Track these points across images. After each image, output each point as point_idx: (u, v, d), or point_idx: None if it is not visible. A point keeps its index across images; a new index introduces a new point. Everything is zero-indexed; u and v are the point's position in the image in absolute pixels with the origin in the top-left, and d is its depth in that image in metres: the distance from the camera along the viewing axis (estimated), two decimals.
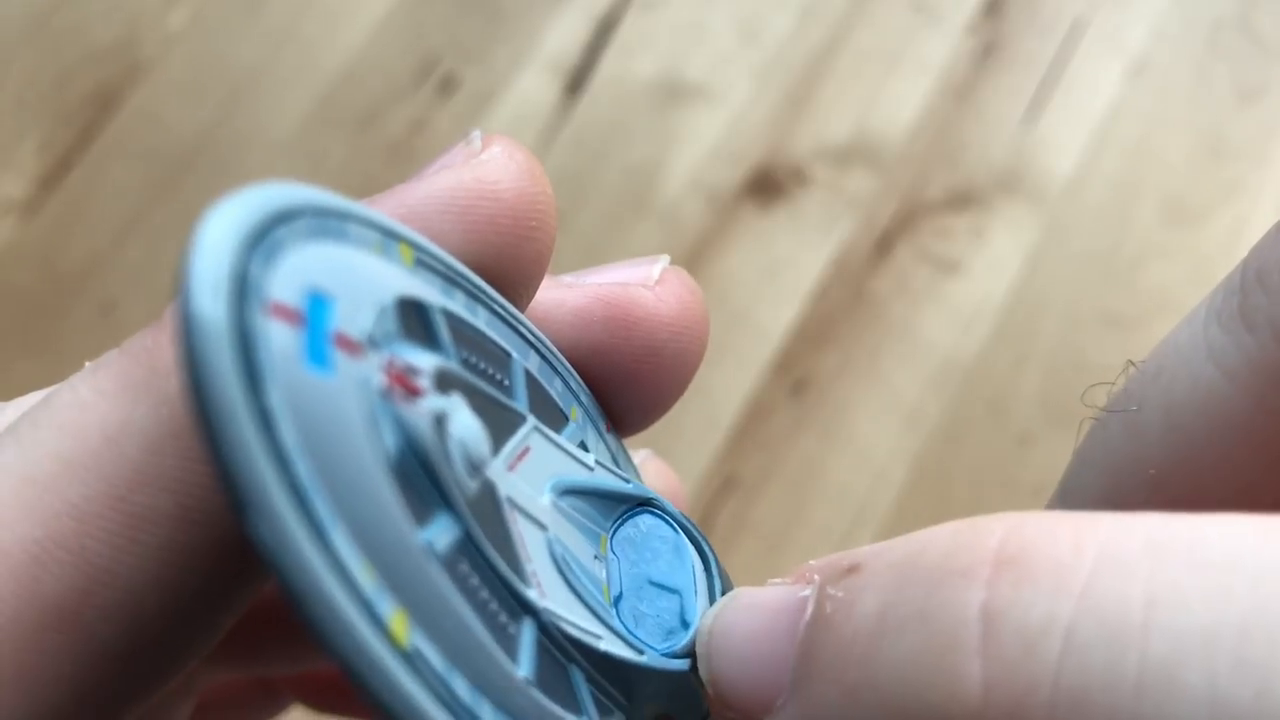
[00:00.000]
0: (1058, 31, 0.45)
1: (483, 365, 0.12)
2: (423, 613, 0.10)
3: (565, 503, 0.13)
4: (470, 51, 0.44)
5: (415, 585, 0.10)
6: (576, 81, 0.43)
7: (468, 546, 0.10)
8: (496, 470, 0.11)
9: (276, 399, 0.09)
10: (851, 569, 0.10)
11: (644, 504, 0.14)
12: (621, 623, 0.13)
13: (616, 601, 0.13)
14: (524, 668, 0.11)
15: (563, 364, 0.14)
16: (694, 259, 0.41)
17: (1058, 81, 0.44)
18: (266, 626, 0.17)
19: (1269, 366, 0.11)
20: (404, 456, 0.10)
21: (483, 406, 0.11)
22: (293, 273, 0.09)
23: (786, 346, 0.40)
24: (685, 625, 0.13)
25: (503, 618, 0.11)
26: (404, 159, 0.42)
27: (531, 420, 0.12)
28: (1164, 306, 0.41)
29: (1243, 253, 0.12)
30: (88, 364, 0.12)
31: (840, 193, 0.42)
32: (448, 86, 0.43)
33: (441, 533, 0.10)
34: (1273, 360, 0.11)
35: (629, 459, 0.15)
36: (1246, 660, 0.08)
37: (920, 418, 0.39)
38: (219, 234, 0.09)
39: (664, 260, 0.15)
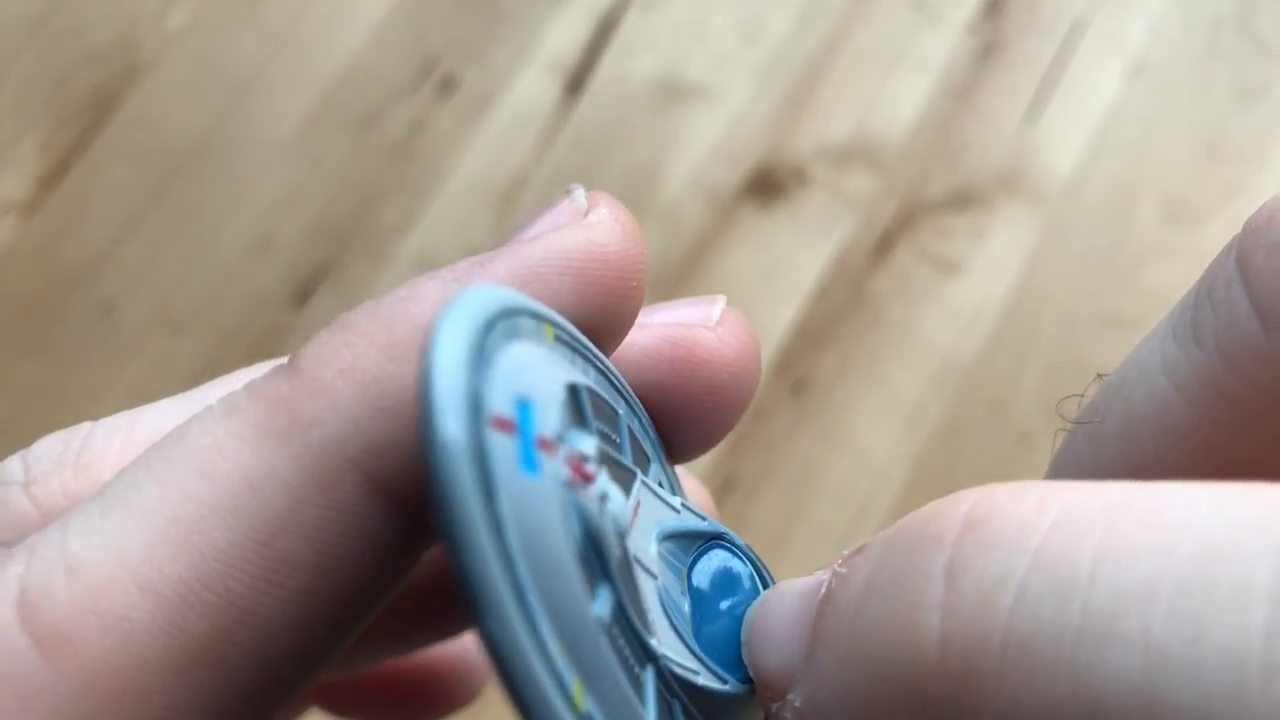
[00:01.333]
0: (1058, 31, 0.45)
1: (606, 430, 0.13)
2: (592, 678, 0.11)
3: (664, 548, 0.13)
4: (470, 51, 0.44)
5: (589, 655, 0.10)
6: (576, 81, 0.43)
7: (618, 611, 0.11)
8: (628, 532, 0.12)
9: (505, 507, 0.10)
10: (859, 549, 0.11)
11: (716, 537, 0.15)
12: (704, 654, 0.13)
13: (697, 633, 0.14)
14: (650, 713, 0.11)
15: (638, 404, 0.15)
16: (694, 259, 0.41)
17: (1058, 81, 0.44)
18: None
19: (1215, 380, 0.12)
20: (585, 541, 0.11)
21: (615, 473, 0.12)
22: (503, 383, 0.10)
23: (786, 346, 0.40)
24: None
25: (636, 669, 0.11)
26: (404, 159, 0.42)
27: (640, 476, 0.13)
28: (1164, 306, 0.41)
29: None
30: (215, 403, 0.13)
31: (840, 193, 0.42)
32: (448, 86, 0.43)
33: (604, 603, 0.11)
34: (1218, 374, 0.12)
35: (679, 483, 0.16)
36: (1180, 611, 0.08)
37: (920, 418, 0.39)
38: (450, 354, 0.10)
39: (722, 301, 0.16)
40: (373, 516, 0.12)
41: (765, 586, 0.14)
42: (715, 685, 0.13)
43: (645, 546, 0.13)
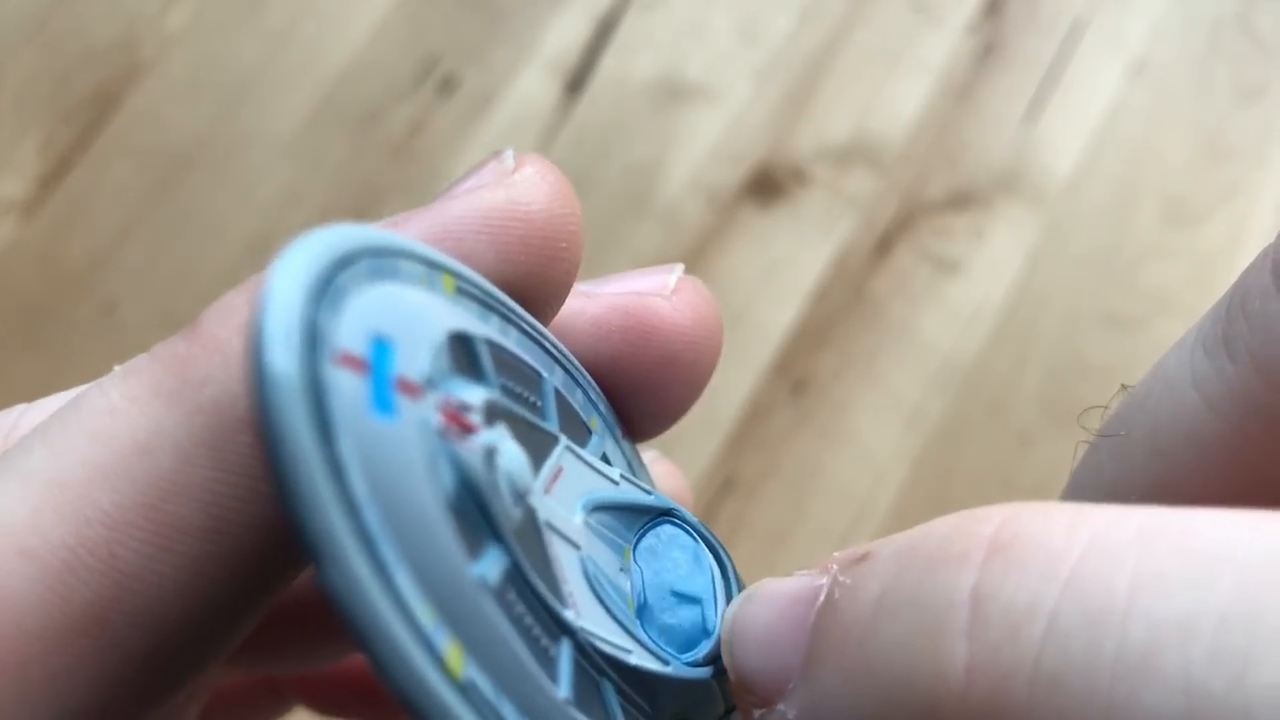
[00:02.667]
0: (1058, 31, 0.45)
1: (519, 389, 0.12)
2: (476, 644, 0.10)
3: (594, 519, 0.13)
4: (470, 51, 0.44)
5: (469, 618, 0.10)
6: (576, 81, 0.43)
7: (515, 575, 0.11)
8: (536, 495, 0.11)
9: (346, 448, 0.09)
10: (862, 558, 0.10)
11: (665, 514, 0.14)
12: (646, 634, 0.13)
13: (640, 612, 0.13)
14: (564, 689, 0.11)
15: (582, 375, 0.14)
16: (694, 259, 0.41)
17: (1058, 81, 0.44)
18: (277, 627, 0.18)
19: (1248, 395, 0.11)
20: (460, 494, 0.10)
21: (522, 432, 0.11)
22: (356, 319, 0.09)
23: (786, 346, 0.40)
24: (706, 633, 0.13)
25: (544, 641, 0.11)
26: (404, 159, 0.42)
27: (564, 440, 0.13)
28: (1164, 306, 0.41)
29: (1243, 253, 0.12)
30: (117, 368, 0.12)
31: (840, 193, 0.42)
32: (448, 86, 0.43)
33: (493, 564, 0.10)
34: (1251, 389, 0.11)
35: (642, 463, 0.16)
36: (1223, 649, 0.08)
37: (920, 418, 0.39)
38: (287, 285, 0.09)
39: (679, 269, 0.15)
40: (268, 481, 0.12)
41: (721, 566, 0.14)
42: (653, 666, 0.13)
43: (566, 515, 0.12)
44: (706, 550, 0.14)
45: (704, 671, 0.13)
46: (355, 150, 0.42)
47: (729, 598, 0.14)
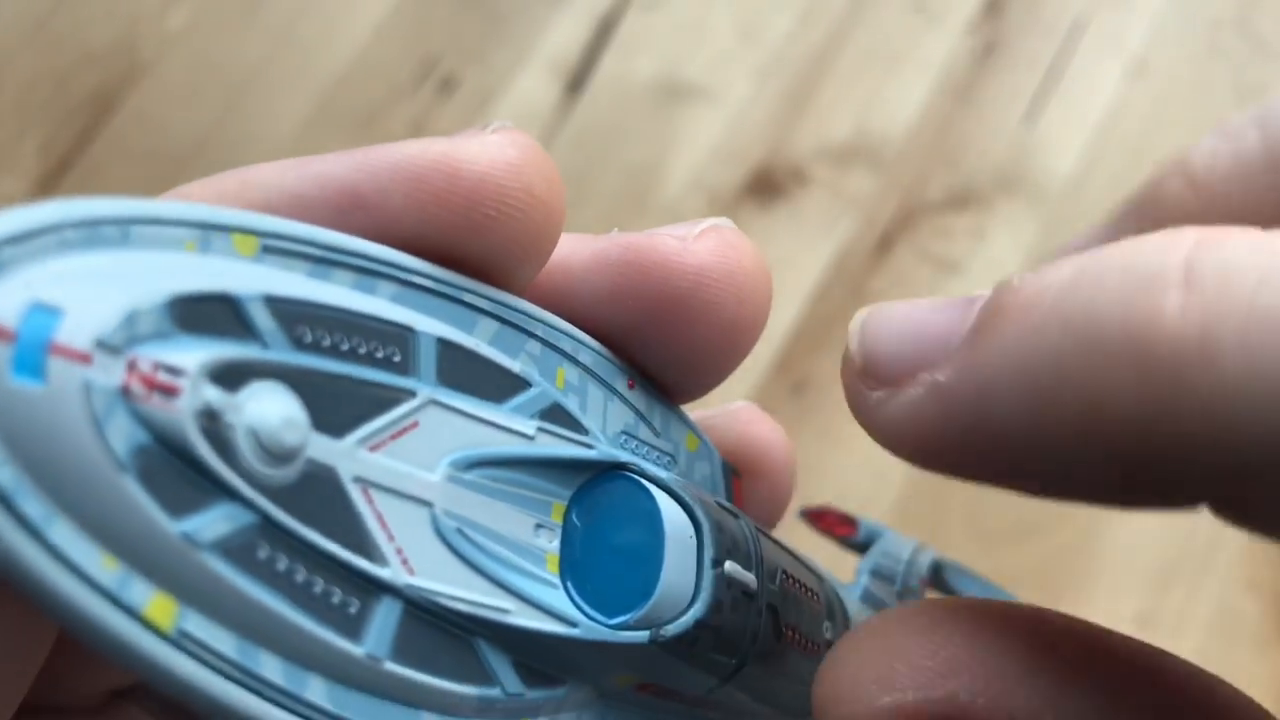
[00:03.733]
0: (1058, 31, 0.45)
1: (343, 343, 0.12)
2: (197, 597, 0.10)
3: (478, 475, 0.12)
4: (470, 51, 0.44)
5: (179, 572, 0.10)
6: (576, 81, 0.43)
7: (269, 531, 0.11)
8: (339, 451, 0.11)
9: None
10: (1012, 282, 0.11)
11: (617, 468, 0.13)
12: (572, 593, 0.13)
13: (568, 571, 0.13)
14: (370, 644, 0.11)
15: (544, 326, 0.13)
16: None
17: (1058, 81, 0.44)
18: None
19: None
20: (148, 452, 0.10)
21: (326, 386, 0.11)
22: (12, 288, 0.09)
23: (786, 347, 0.40)
24: (645, 596, 0.13)
25: (336, 597, 0.11)
26: None
27: (426, 394, 0.12)
28: None
29: None
30: None
31: (840, 193, 0.42)
32: (448, 86, 0.43)
33: (215, 521, 0.10)
34: None
35: (672, 416, 0.15)
36: None
37: None
38: None
39: (715, 220, 0.14)
40: None
41: (696, 524, 0.13)
42: (543, 627, 0.12)
43: (407, 472, 0.12)
44: (677, 509, 0.13)
45: (638, 636, 0.13)
46: None
47: (700, 558, 0.13)
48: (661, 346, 0.14)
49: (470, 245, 0.12)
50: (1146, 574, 0.37)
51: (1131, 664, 0.12)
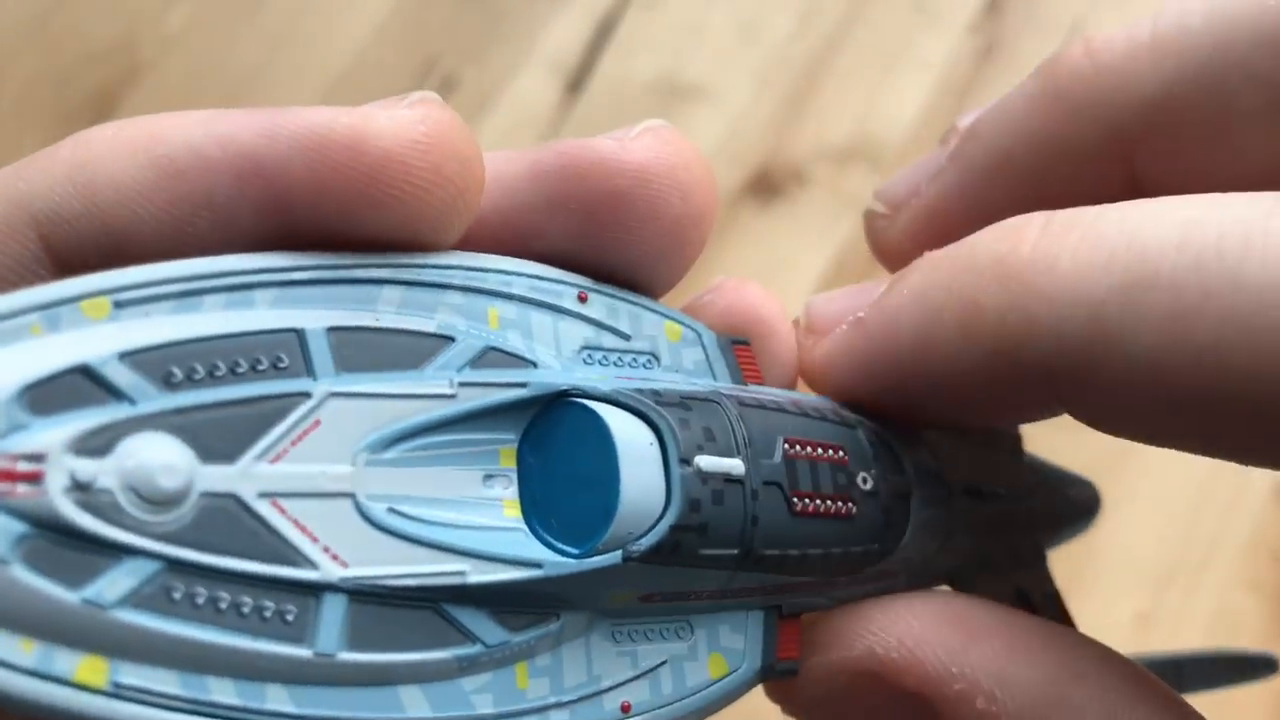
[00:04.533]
0: (1058, 31, 0.45)
1: (220, 367, 0.12)
2: (123, 650, 0.10)
3: (400, 450, 0.12)
4: (470, 51, 0.44)
5: (96, 633, 0.10)
6: (576, 81, 0.43)
7: (177, 571, 0.11)
8: (235, 475, 0.11)
9: None
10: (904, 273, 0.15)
11: (559, 397, 0.13)
12: (539, 532, 0.13)
13: (531, 511, 0.13)
14: (320, 643, 0.11)
15: (469, 269, 0.13)
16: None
17: None
18: None
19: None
20: (30, 539, 0.10)
21: (213, 418, 0.11)
22: None
23: None
24: (607, 517, 0.13)
25: (268, 611, 0.11)
26: None
27: (324, 388, 0.12)
28: None
29: None
30: None
31: (840, 193, 0.42)
32: (448, 86, 0.43)
33: (117, 580, 0.11)
34: None
35: (644, 312, 0.15)
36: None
37: None
38: None
39: (650, 121, 0.14)
40: (40, 275, 0.12)
41: (656, 429, 0.13)
42: (503, 577, 0.12)
43: (317, 470, 0.12)
44: (629, 420, 0.13)
45: (612, 558, 0.12)
46: None
47: (665, 460, 0.13)
48: (612, 249, 0.14)
49: (373, 220, 0.12)
50: (1146, 574, 0.37)
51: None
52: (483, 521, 0.13)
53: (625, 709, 0.13)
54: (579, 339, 0.14)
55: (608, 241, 0.14)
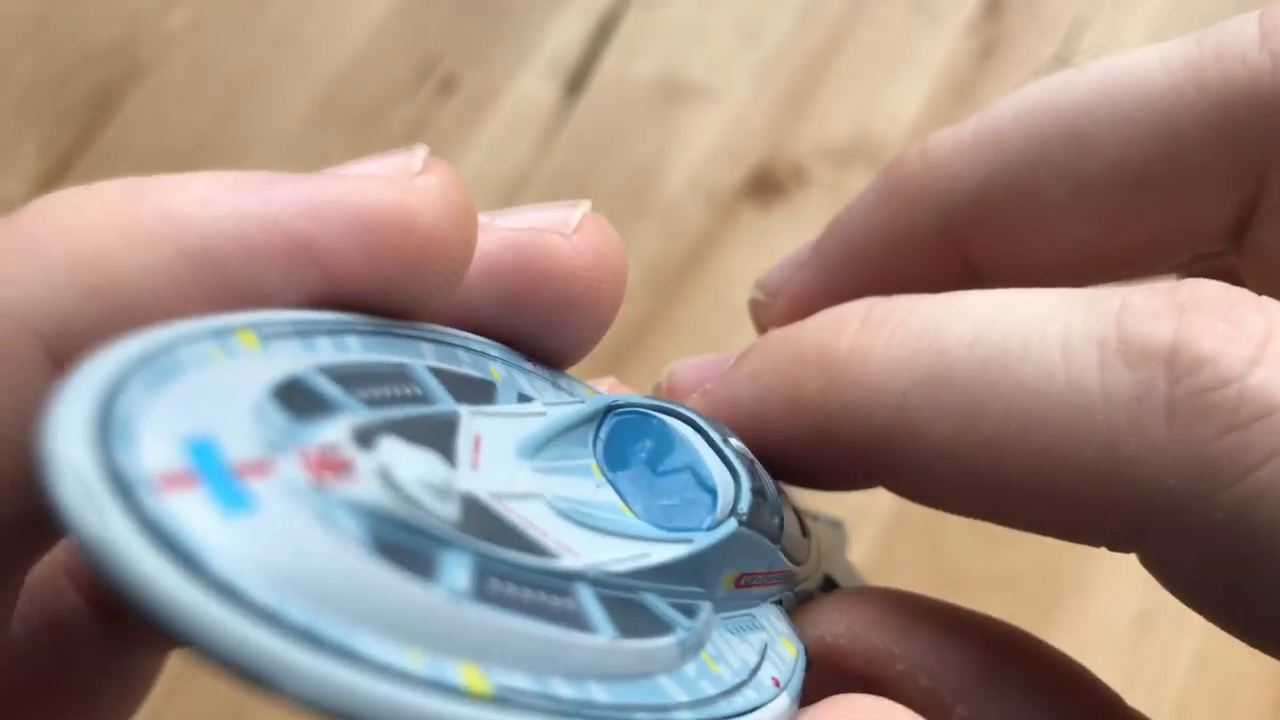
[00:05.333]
0: (1058, 31, 0.45)
1: (386, 391, 0.11)
2: (487, 651, 0.10)
3: (541, 459, 0.12)
4: (470, 51, 0.44)
5: (462, 634, 0.09)
6: (576, 81, 0.43)
7: (487, 564, 0.10)
8: (465, 479, 0.11)
9: (227, 569, 0.08)
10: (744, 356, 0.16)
11: (608, 411, 0.14)
12: (657, 527, 0.13)
13: (642, 512, 0.13)
14: (603, 630, 0.11)
15: (455, 335, 0.13)
16: (694, 259, 0.41)
17: None
18: None
19: (1199, 66, 0.16)
20: (377, 530, 0.09)
21: (413, 429, 0.11)
22: (157, 436, 0.09)
23: None
24: (710, 491, 0.13)
25: (556, 601, 0.11)
26: None
27: (466, 410, 0.12)
28: None
29: None
30: None
31: (840, 193, 0.42)
32: (448, 86, 0.43)
33: (454, 571, 0.10)
34: (1205, 63, 0.16)
35: (565, 378, 0.15)
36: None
37: None
38: (68, 444, 0.08)
39: (585, 206, 0.14)
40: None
41: (689, 420, 0.14)
42: (677, 553, 0.12)
43: (508, 474, 0.12)
44: (665, 417, 0.14)
45: (729, 527, 0.13)
46: (355, 151, 0.42)
47: (712, 445, 0.14)
48: (543, 339, 0.14)
49: (405, 293, 0.12)
50: (1147, 574, 0.37)
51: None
52: (626, 517, 0.13)
53: (775, 683, 0.13)
54: (547, 392, 0.14)
55: (543, 334, 0.14)
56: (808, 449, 0.15)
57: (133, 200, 0.11)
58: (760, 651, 0.14)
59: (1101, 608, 0.36)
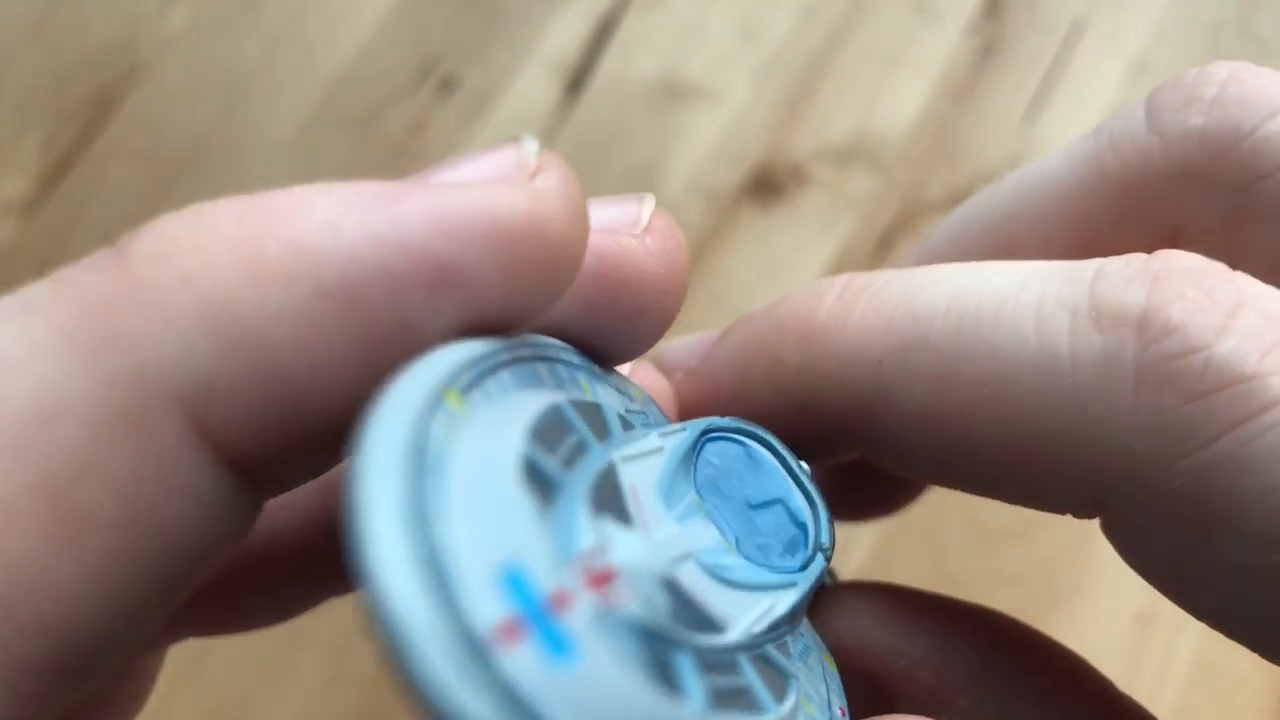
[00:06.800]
0: (1058, 31, 0.45)
1: (563, 445, 0.10)
2: None
3: (675, 505, 0.12)
4: (470, 51, 0.44)
5: None
6: (576, 81, 0.43)
7: (700, 658, 0.09)
8: (646, 550, 0.10)
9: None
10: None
11: (701, 437, 0.13)
12: (757, 564, 0.12)
13: (740, 548, 0.12)
14: (779, 713, 0.10)
15: (544, 344, 0.12)
16: (694, 259, 0.41)
17: (1058, 81, 0.44)
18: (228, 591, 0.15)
19: (1098, 157, 0.16)
20: (648, 649, 0.08)
21: (601, 496, 0.10)
22: (480, 574, 0.07)
23: None
24: (801, 526, 0.13)
25: (735, 681, 0.10)
26: (404, 159, 0.42)
27: (611, 455, 0.11)
28: None
29: None
30: (5, 299, 0.10)
31: (840, 193, 0.42)
32: (448, 86, 0.43)
33: (688, 677, 0.09)
34: (1102, 153, 0.16)
35: (618, 378, 0.14)
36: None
37: None
38: (411, 601, 0.07)
39: (650, 201, 0.14)
40: (197, 470, 0.10)
41: (771, 448, 0.13)
42: (791, 600, 0.12)
43: (666, 534, 0.11)
44: (754, 443, 0.13)
45: (819, 563, 0.13)
46: (355, 151, 0.42)
47: (790, 472, 0.13)
48: (607, 342, 0.14)
49: (530, 305, 0.11)
50: None
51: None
52: (740, 562, 0.12)
53: (842, 713, 0.13)
54: (620, 403, 0.14)
55: (605, 333, 0.14)
56: (790, 420, 0.15)
57: (252, 231, 0.10)
58: (823, 678, 0.13)
59: (1101, 608, 0.36)
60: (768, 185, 0.42)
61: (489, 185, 0.11)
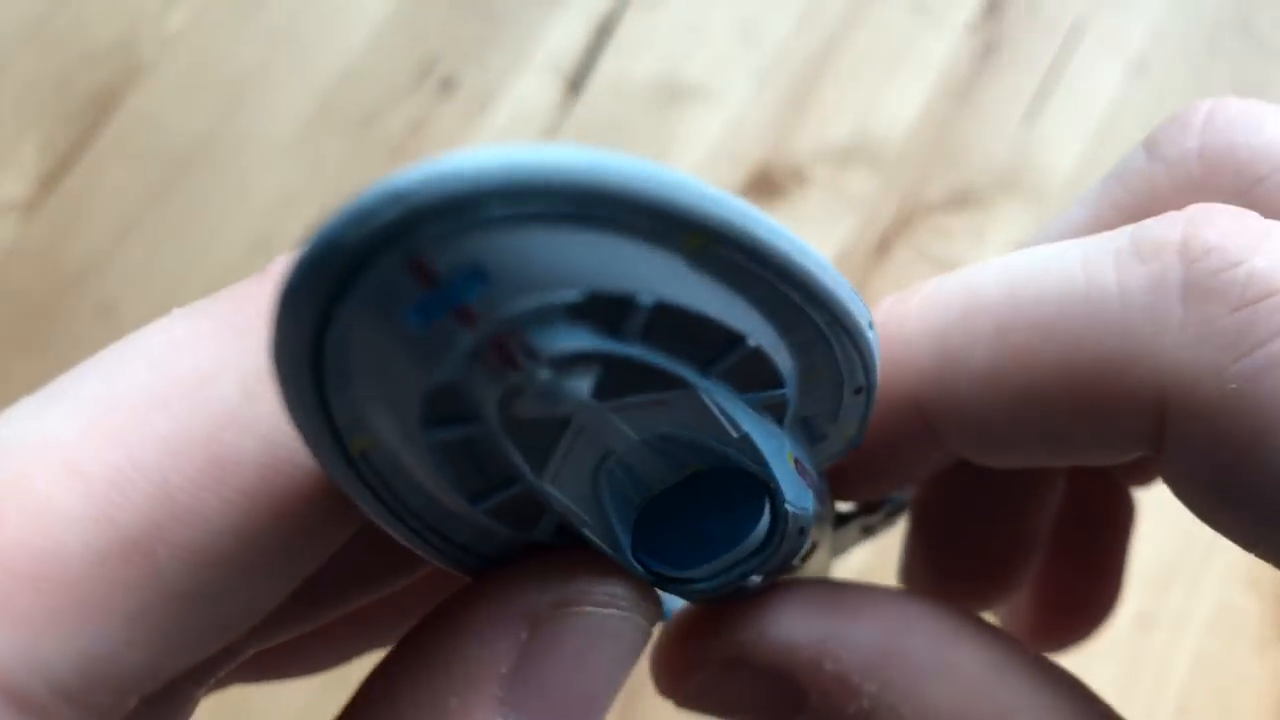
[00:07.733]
0: (1058, 31, 0.44)
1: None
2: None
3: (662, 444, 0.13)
4: (469, 52, 0.44)
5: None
6: (576, 82, 0.43)
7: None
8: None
9: (348, 318, 0.09)
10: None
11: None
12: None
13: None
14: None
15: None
16: None
17: (1058, 81, 0.44)
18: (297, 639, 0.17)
19: (1108, 194, 0.18)
20: (508, 428, 0.10)
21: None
22: (466, 249, 0.09)
23: None
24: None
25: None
26: (404, 159, 0.42)
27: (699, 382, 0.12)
28: None
29: None
30: (176, 310, 0.12)
31: (840, 193, 0.42)
32: (447, 87, 0.43)
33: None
34: (1111, 190, 0.18)
35: None
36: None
37: None
38: (409, 198, 0.09)
39: None
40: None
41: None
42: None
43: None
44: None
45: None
46: (355, 151, 0.42)
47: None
48: None
49: None
50: (1146, 574, 0.37)
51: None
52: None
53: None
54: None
55: None
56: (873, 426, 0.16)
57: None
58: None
59: None
60: (768, 185, 0.42)
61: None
